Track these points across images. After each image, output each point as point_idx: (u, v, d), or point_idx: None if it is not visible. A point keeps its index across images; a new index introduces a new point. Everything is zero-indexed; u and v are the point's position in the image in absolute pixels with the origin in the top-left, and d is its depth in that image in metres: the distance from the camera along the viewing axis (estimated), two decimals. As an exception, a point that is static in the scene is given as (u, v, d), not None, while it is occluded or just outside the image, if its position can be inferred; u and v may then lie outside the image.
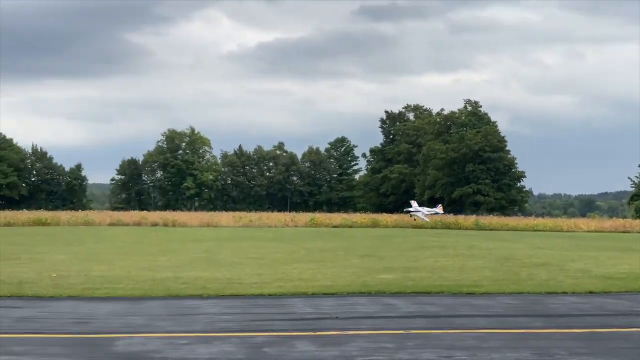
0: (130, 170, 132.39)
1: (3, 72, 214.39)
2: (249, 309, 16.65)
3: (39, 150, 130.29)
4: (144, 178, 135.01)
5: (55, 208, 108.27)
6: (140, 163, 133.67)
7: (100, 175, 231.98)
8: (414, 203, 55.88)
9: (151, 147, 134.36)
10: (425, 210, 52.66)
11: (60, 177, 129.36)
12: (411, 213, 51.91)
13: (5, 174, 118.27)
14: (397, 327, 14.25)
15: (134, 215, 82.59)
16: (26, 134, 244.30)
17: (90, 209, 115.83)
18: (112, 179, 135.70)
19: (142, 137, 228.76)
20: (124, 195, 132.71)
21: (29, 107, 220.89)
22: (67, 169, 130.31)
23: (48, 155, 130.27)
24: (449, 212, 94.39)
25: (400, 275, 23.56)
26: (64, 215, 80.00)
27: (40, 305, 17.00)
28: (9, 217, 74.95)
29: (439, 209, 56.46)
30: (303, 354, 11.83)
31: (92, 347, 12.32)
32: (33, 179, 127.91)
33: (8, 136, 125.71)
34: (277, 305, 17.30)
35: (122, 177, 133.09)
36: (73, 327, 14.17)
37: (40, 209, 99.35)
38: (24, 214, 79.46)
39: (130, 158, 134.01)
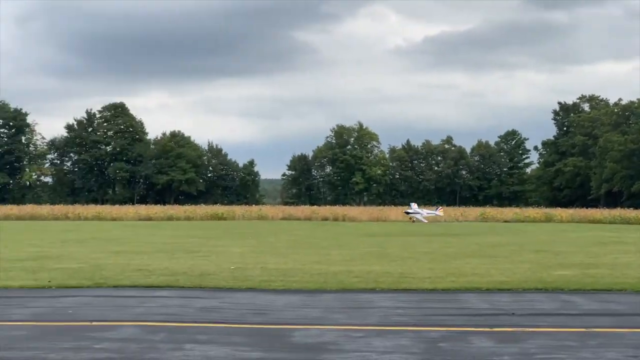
0: (301, 166, 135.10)
1: (181, 74, 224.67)
2: (423, 304, 16.54)
3: (214, 147, 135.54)
4: (313, 173, 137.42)
5: (230, 203, 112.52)
6: (310, 158, 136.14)
7: (272, 170, 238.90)
8: (413, 205, 53.86)
9: (320, 142, 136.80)
10: (425, 212, 50.47)
11: (234, 173, 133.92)
12: (410, 214, 49.98)
13: (184, 170, 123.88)
14: (579, 325, 13.72)
15: (305, 209, 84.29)
16: (202, 132, 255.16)
17: (263, 203, 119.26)
18: (283, 175, 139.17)
19: (311, 133, 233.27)
20: (294, 190, 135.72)
21: (204, 106, 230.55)
22: (240, 165, 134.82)
23: (223, 152, 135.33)
24: (628, 207, 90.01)
25: (579, 272, 22.69)
26: (238, 209, 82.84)
27: (221, 296, 17.63)
28: (189, 212, 78.52)
29: (439, 211, 53.89)
30: (480, 350, 11.60)
31: (270, 338, 12.61)
32: (209, 175, 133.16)
33: (186, 134, 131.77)
34: (451, 300, 17.09)
35: (293, 172, 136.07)
36: (252, 317, 14.58)
37: (216, 203, 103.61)
38: (202, 209, 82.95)
39: (300, 154, 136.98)
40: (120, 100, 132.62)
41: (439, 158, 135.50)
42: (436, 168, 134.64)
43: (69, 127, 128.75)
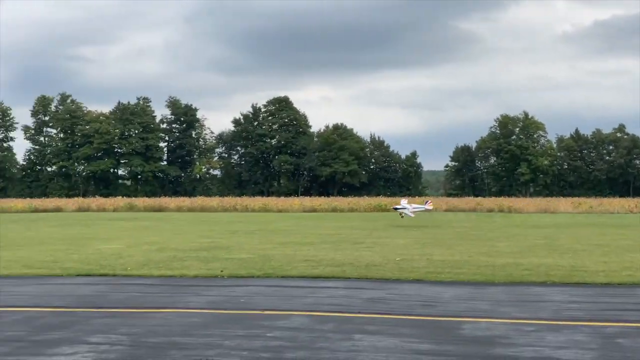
0: (464, 157, 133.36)
1: (343, 67, 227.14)
2: (598, 298, 15.85)
3: (376, 139, 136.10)
4: (477, 164, 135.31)
5: (393, 194, 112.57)
6: (474, 149, 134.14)
7: (435, 162, 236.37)
8: (403, 201, 51.40)
9: (484, 133, 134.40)
10: (412, 207, 48.04)
11: (397, 165, 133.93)
12: (398, 210, 47.89)
13: (347, 162, 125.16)
14: None
15: (469, 201, 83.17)
16: (365, 124, 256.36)
17: (426, 195, 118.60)
18: (446, 166, 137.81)
19: (474, 123, 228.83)
20: (457, 182, 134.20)
21: (366, 99, 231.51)
22: (402, 156, 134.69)
23: (385, 144, 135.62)
24: None
25: None
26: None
27: (387, 287, 17.62)
28: (352, 203, 79.29)
29: (429, 205, 51.29)
30: (663, 348, 11.00)
31: (439, 330, 12.48)
32: (372, 167, 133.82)
33: (349, 126, 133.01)
34: (629, 294, 16.32)
35: (456, 163, 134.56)
36: (420, 309, 14.48)
37: (379, 195, 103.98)
38: (365, 200, 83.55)
39: (463, 145, 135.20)
40: (285, 94, 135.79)
41: (611, 147, 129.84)
42: (607, 158, 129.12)
43: (236, 122, 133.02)
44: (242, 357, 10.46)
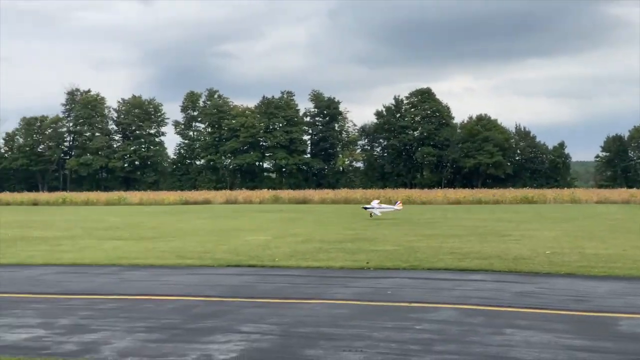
0: (616, 147, 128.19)
1: (486, 57, 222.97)
2: None
3: (522, 129, 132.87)
4: (630, 154, 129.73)
5: (540, 186, 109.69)
6: (626, 139, 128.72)
7: (584, 152, 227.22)
8: (374, 202, 48.38)
9: (637, 122, 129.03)
10: (380, 207, 45.18)
11: (544, 156, 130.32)
12: (367, 209, 45.33)
13: (491, 153, 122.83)
14: None
15: (622, 192, 79.94)
16: (509, 115, 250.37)
17: (575, 186, 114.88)
18: (597, 156, 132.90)
19: (626, 112, 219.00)
20: (609, 173, 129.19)
21: (511, 88, 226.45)
22: (550, 147, 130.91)
23: (531, 134, 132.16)
24: None
25: None
26: (549, 193, 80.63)
27: (537, 281, 17.15)
28: (497, 195, 77.90)
29: (398, 205, 47.87)
30: None
31: (594, 326, 12.02)
32: (517, 158, 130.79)
33: (492, 117, 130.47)
34: None
35: (607, 154, 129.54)
36: (573, 304, 13.99)
37: (525, 187, 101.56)
38: (511, 192, 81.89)
39: (615, 134, 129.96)
40: (427, 86, 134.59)
41: None
42: None
43: (378, 114, 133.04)
44: (391, 349, 10.41)
